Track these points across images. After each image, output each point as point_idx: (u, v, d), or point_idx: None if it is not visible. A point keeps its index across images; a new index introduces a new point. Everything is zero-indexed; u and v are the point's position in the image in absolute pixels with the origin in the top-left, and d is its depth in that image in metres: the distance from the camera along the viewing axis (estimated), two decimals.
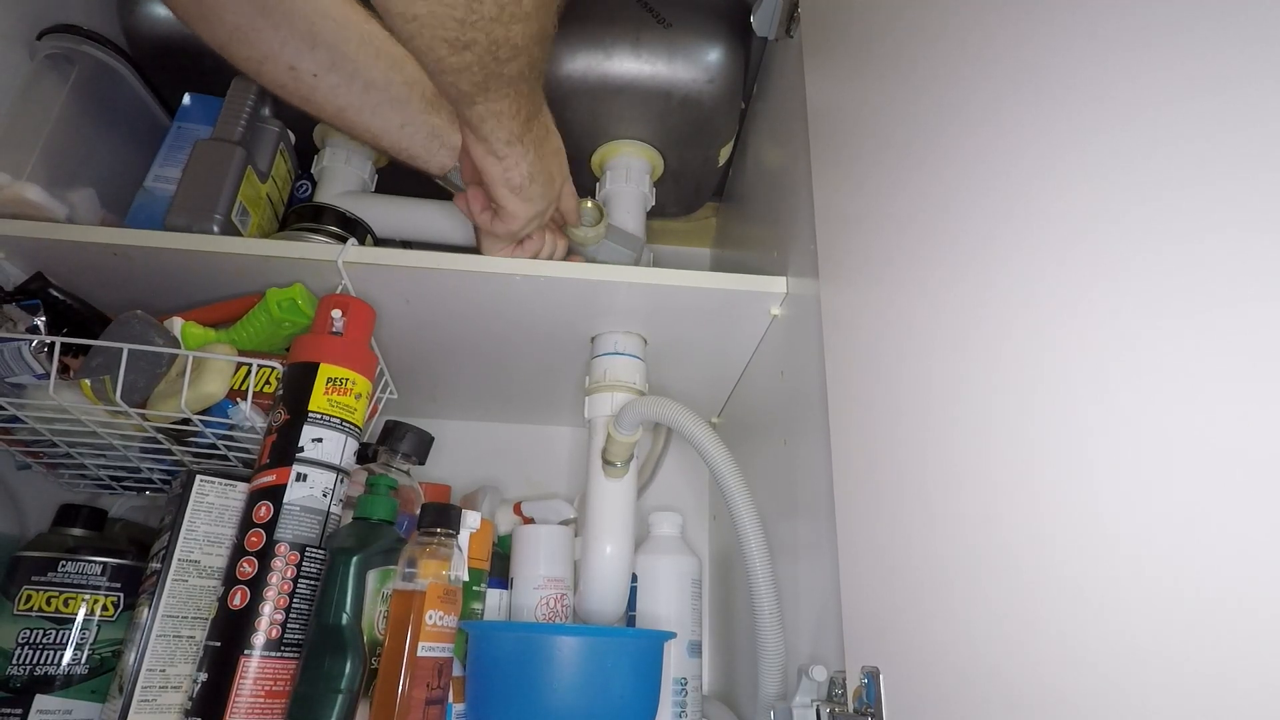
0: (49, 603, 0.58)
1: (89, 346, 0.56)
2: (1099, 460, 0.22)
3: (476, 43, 0.40)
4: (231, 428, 0.58)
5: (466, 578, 0.54)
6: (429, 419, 0.81)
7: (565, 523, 0.74)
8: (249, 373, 0.57)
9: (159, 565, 0.54)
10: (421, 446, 0.62)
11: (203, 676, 0.47)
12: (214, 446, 0.60)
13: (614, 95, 0.73)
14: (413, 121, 0.56)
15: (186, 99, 0.72)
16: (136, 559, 0.61)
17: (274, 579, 0.49)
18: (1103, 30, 0.24)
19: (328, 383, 0.54)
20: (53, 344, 0.54)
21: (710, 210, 0.98)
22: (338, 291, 0.60)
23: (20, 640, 0.56)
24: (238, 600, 0.48)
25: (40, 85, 0.63)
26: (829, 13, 0.54)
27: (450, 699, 0.57)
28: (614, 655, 0.53)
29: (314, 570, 0.51)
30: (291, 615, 0.49)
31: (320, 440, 0.53)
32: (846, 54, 0.49)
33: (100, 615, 0.59)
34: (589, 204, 0.69)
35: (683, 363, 0.74)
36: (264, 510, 0.50)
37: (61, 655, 0.57)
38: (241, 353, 0.58)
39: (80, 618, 0.58)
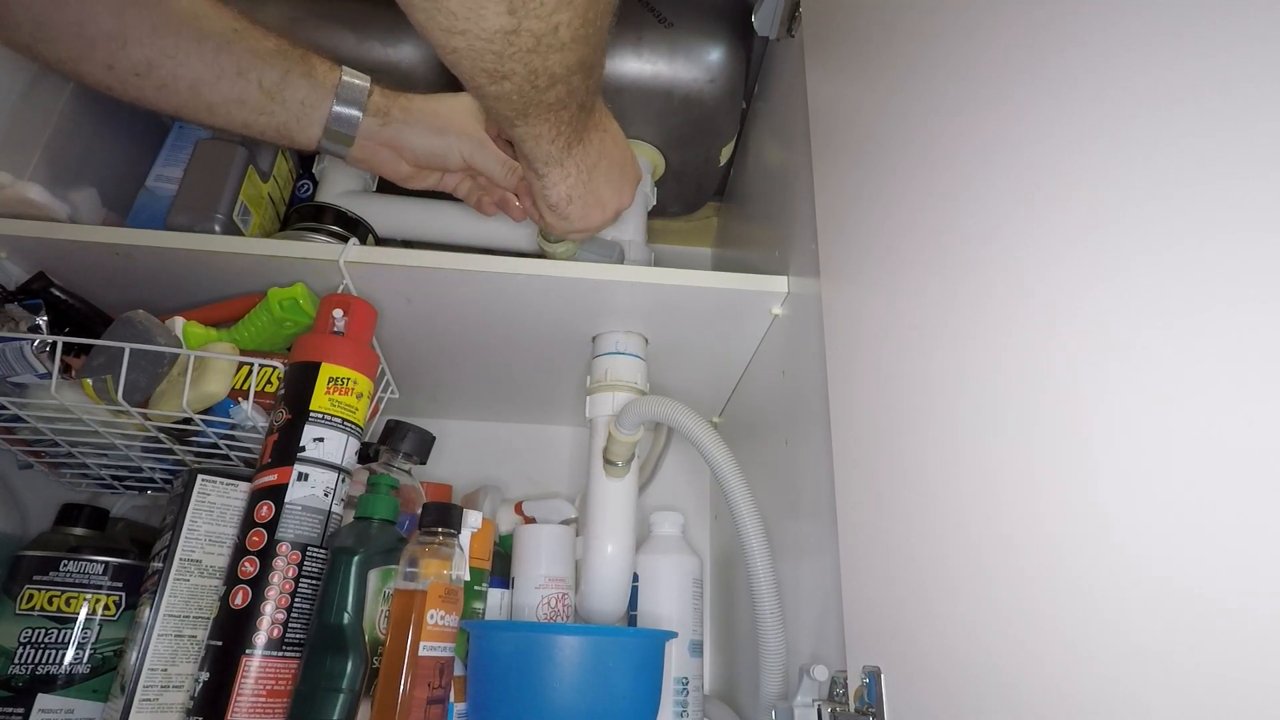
0: (51, 602, 0.58)
1: (91, 346, 0.56)
2: (1101, 459, 0.22)
3: (515, 73, 0.41)
4: (233, 427, 0.58)
5: (468, 577, 0.54)
6: (430, 418, 0.81)
7: (566, 522, 0.74)
8: (250, 372, 0.57)
9: (161, 565, 0.54)
10: (423, 446, 0.62)
11: (204, 676, 0.47)
12: (215, 446, 0.60)
13: (615, 95, 0.73)
14: (260, 109, 0.52)
15: None
16: (138, 558, 0.61)
17: (275, 578, 0.49)
18: (1104, 30, 0.24)
19: (329, 382, 0.54)
20: (55, 343, 0.54)
21: (711, 210, 0.98)
22: (339, 291, 0.60)
23: (22, 639, 0.56)
24: (239, 599, 0.48)
25: (42, 85, 0.64)
26: (830, 12, 0.54)
27: (452, 698, 0.57)
28: (615, 655, 0.53)
29: (315, 570, 0.51)
30: (293, 615, 0.49)
31: (322, 440, 0.53)
32: (848, 54, 0.49)
33: (102, 614, 0.59)
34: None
35: (684, 362, 0.74)
36: (265, 510, 0.50)
37: (63, 654, 0.57)
38: (243, 352, 0.59)
39: (82, 617, 0.58)
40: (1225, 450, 0.18)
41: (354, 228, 0.68)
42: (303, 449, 0.52)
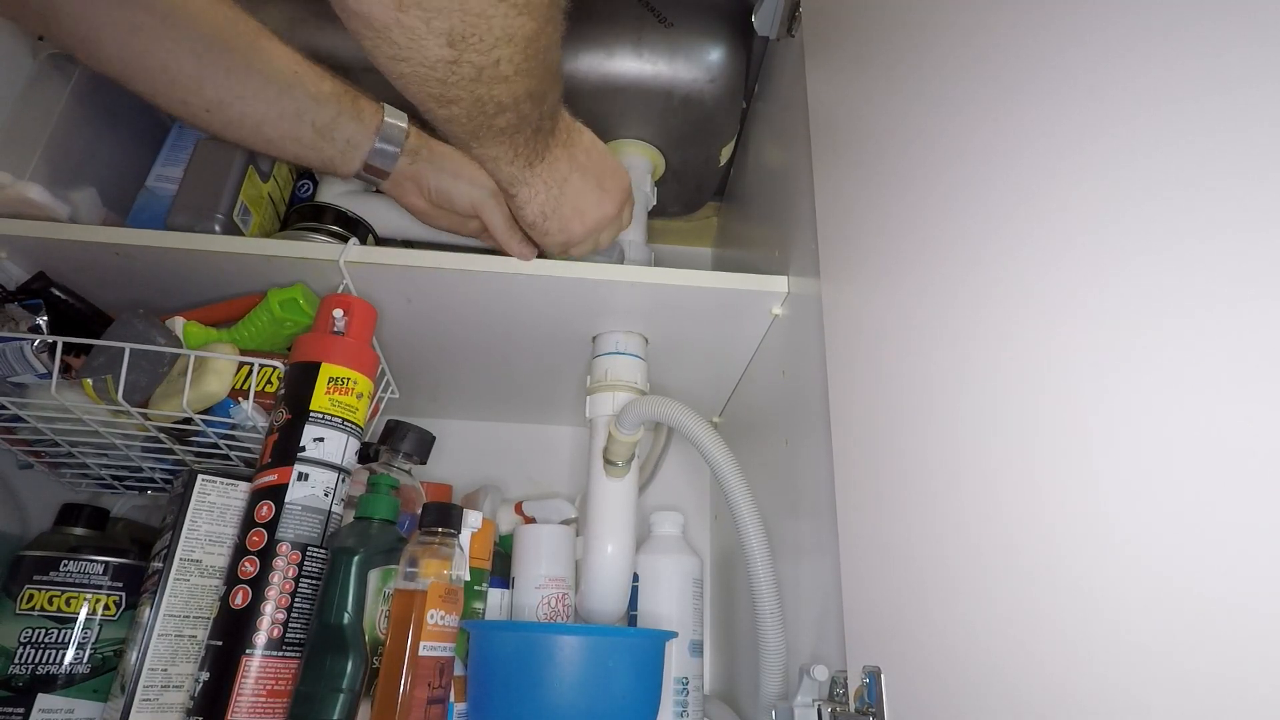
0: (51, 602, 0.58)
1: (91, 346, 0.56)
2: (1101, 459, 0.22)
3: (461, 99, 0.43)
4: (233, 427, 0.58)
5: (468, 577, 0.54)
6: (430, 418, 0.81)
7: (566, 522, 0.74)
8: (251, 372, 0.57)
9: (161, 564, 0.54)
10: (423, 446, 0.62)
11: (204, 675, 0.47)
12: (216, 446, 0.60)
13: (615, 95, 0.73)
14: (311, 145, 0.56)
15: None
16: (138, 558, 0.61)
17: (276, 578, 0.49)
18: (1104, 30, 0.24)
19: (329, 382, 0.54)
20: (55, 343, 0.55)
21: (711, 210, 0.98)
22: (339, 291, 0.60)
23: (22, 639, 0.56)
24: (239, 599, 0.48)
25: (42, 85, 0.64)
26: (830, 12, 0.54)
27: (452, 698, 0.57)
28: (615, 655, 0.53)
29: (315, 570, 0.51)
30: (293, 614, 0.49)
31: (322, 440, 0.53)
32: (848, 53, 0.49)
33: (102, 614, 0.59)
34: None
35: (684, 362, 0.74)
36: (266, 509, 0.50)
37: (63, 654, 0.57)
38: (243, 352, 0.59)
39: (82, 617, 0.58)
40: (1225, 450, 0.18)
41: (354, 228, 0.68)
42: (303, 449, 0.52)
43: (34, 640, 0.57)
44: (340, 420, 0.54)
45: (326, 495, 0.52)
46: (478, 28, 0.38)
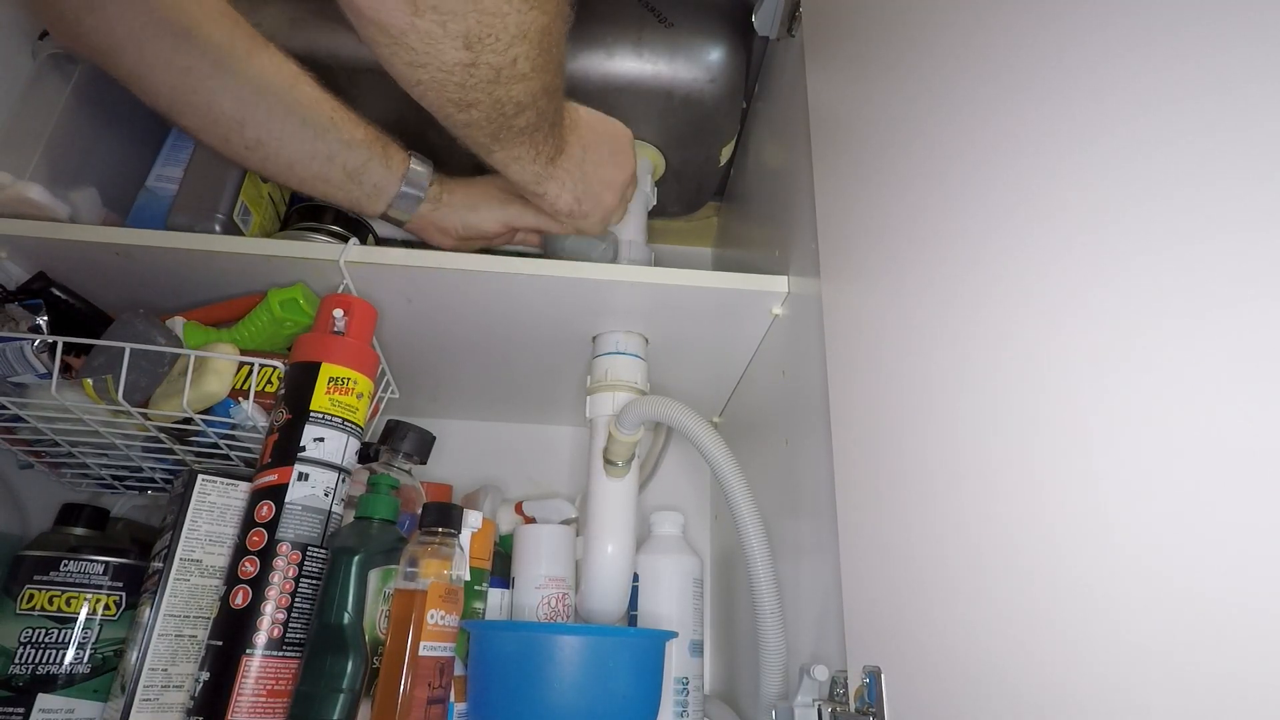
0: (51, 602, 0.58)
1: (91, 346, 0.56)
2: (1102, 459, 0.22)
3: (480, 102, 0.44)
4: (233, 427, 0.58)
5: (468, 577, 0.54)
6: (430, 418, 0.81)
7: (567, 522, 0.74)
8: (251, 372, 0.57)
9: (161, 564, 0.54)
10: (423, 446, 0.63)
11: (205, 675, 0.47)
12: (216, 446, 0.60)
13: (616, 95, 0.72)
14: (340, 186, 0.59)
15: None
16: (138, 558, 0.61)
17: (276, 578, 0.49)
18: (1105, 30, 0.24)
19: (329, 382, 0.54)
20: (55, 343, 0.55)
21: (711, 210, 0.98)
22: (340, 291, 0.60)
23: (23, 639, 0.56)
24: (240, 599, 0.48)
25: (42, 85, 0.64)
26: (831, 12, 0.54)
27: (452, 698, 0.57)
28: (615, 655, 0.53)
29: (316, 569, 0.51)
30: (293, 614, 0.49)
31: (322, 439, 0.53)
32: (848, 53, 0.49)
33: (102, 614, 0.59)
34: None
35: (684, 362, 0.74)
36: (266, 509, 0.50)
37: (64, 654, 0.57)
38: (243, 352, 0.59)
39: (82, 617, 0.58)
40: (1225, 450, 0.18)
41: (354, 227, 0.68)
42: (303, 449, 0.52)
43: (34, 640, 0.57)
44: (340, 420, 0.54)
45: (327, 495, 0.52)
46: (493, 27, 0.38)
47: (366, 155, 0.58)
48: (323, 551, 0.51)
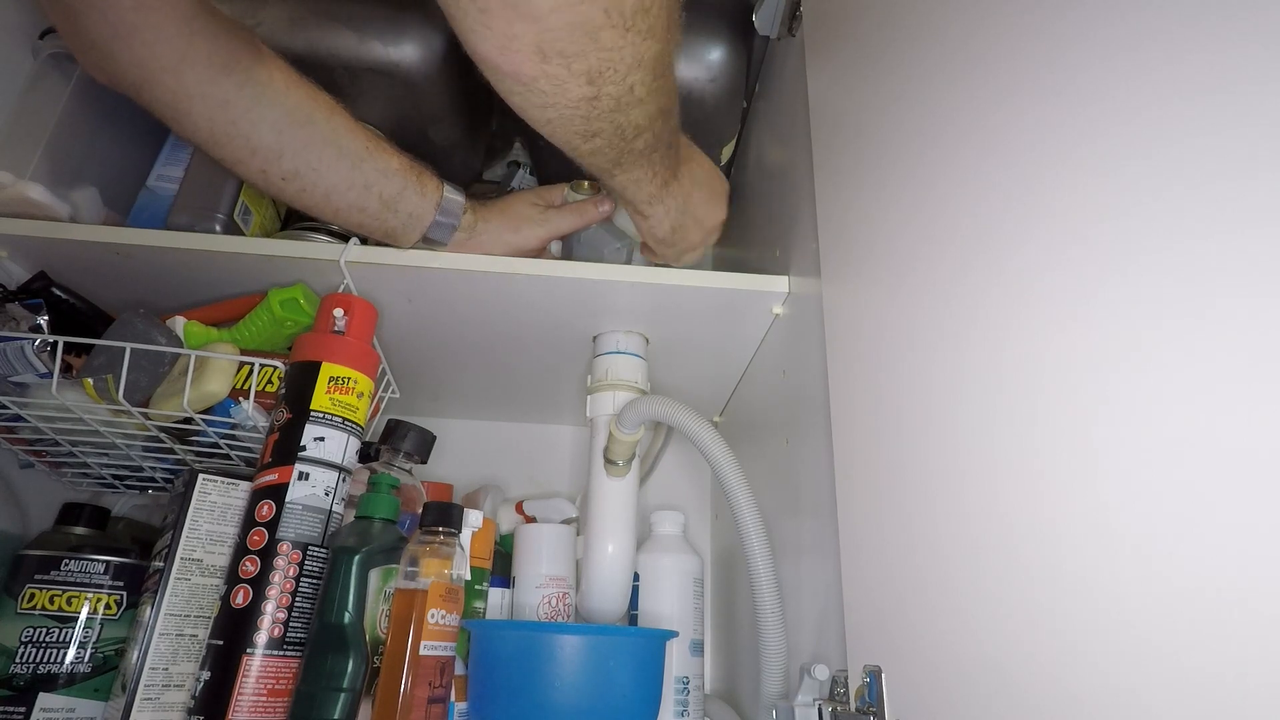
0: (52, 601, 0.58)
1: (92, 346, 0.56)
2: (1102, 458, 0.22)
3: (602, 131, 0.47)
4: (234, 427, 0.58)
5: (469, 576, 0.54)
6: (431, 418, 0.81)
7: (567, 522, 0.74)
8: (251, 372, 0.57)
9: (162, 564, 0.54)
10: (423, 445, 0.63)
11: (205, 675, 0.47)
12: (216, 445, 0.60)
13: None
14: (376, 216, 0.59)
15: None
16: (139, 558, 0.61)
17: (276, 577, 0.49)
18: (1105, 29, 0.24)
19: (330, 381, 0.54)
20: (55, 343, 0.55)
21: None
22: (340, 290, 0.60)
23: (24, 639, 0.56)
24: (240, 599, 0.48)
25: (43, 85, 0.63)
26: (831, 11, 0.54)
27: (452, 698, 0.57)
28: (616, 654, 0.53)
29: (316, 569, 0.51)
30: (294, 614, 0.49)
31: (322, 439, 0.53)
32: (849, 53, 0.49)
33: (103, 614, 0.59)
34: (585, 184, 0.71)
35: (685, 362, 0.74)
36: (266, 509, 0.50)
37: (65, 653, 0.57)
38: (244, 352, 0.59)
39: (83, 616, 0.58)
40: (1225, 449, 0.18)
41: None
42: (303, 448, 0.52)
43: (35, 639, 0.57)
44: (341, 419, 0.54)
45: (327, 494, 0.52)
46: (612, 61, 0.41)
47: (402, 184, 0.59)
48: (323, 551, 0.51)
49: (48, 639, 0.57)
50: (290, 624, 0.49)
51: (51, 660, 0.57)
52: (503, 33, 0.38)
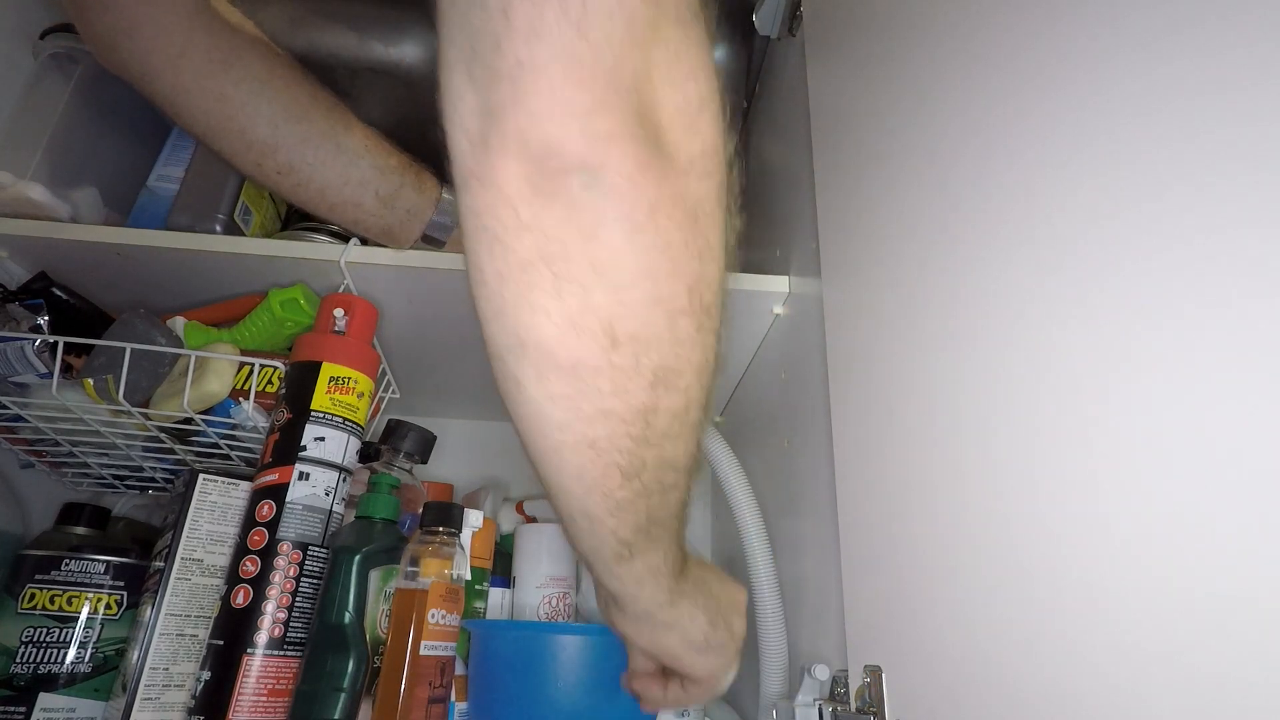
0: (52, 601, 0.58)
1: (92, 346, 0.56)
2: (1102, 458, 0.22)
3: (646, 466, 0.34)
4: (234, 427, 0.58)
5: (469, 576, 0.54)
6: (431, 418, 0.81)
7: None
8: (251, 372, 0.57)
9: (162, 564, 0.54)
10: (424, 445, 0.62)
11: (206, 675, 0.47)
12: (216, 445, 0.60)
13: None
14: (372, 213, 0.59)
15: None
16: (140, 557, 0.61)
17: (277, 577, 0.49)
18: (1104, 30, 0.24)
19: (330, 382, 0.54)
20: (56, 343, 0.55)
21: None
22: (340, 291, 0.60)
23: (24, 638, 0.56)
24: (241, 599, 0.48)
25: (43, 85, 0.64)
26: (832, 11, 0.54)
27: (453, 698, 0.57)
28: (617, 654, 0.52)
29: (316, 569, 0.51)
30: (294, 614, 0.49)
31: (323, 439, 0.53)
32: (849, 53, 0.49)
33: (104, 613, 0.59)
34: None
35: None
36: (267, 509, 0.50)
37: (65, 653, 0.57)
38: (244, 352, 0.59)
39: (84, 616, 0.58)
40: (1225, 449, 0.18)
41: None
42: (304, 448, 0.52)
43: (35, 639, 0.57)
44: (341, 419, 0.54)
45: (327, 494, 0.52)
46: (680, 359, 0.31)
47: (400, 180, 0.59)
48: (324, 551, 0.51)
49: (48, 639, 0.57)
50: (290, 624, 0.49)
51: (52, 660, 0.57)
52: (577, 305, 0.28)
